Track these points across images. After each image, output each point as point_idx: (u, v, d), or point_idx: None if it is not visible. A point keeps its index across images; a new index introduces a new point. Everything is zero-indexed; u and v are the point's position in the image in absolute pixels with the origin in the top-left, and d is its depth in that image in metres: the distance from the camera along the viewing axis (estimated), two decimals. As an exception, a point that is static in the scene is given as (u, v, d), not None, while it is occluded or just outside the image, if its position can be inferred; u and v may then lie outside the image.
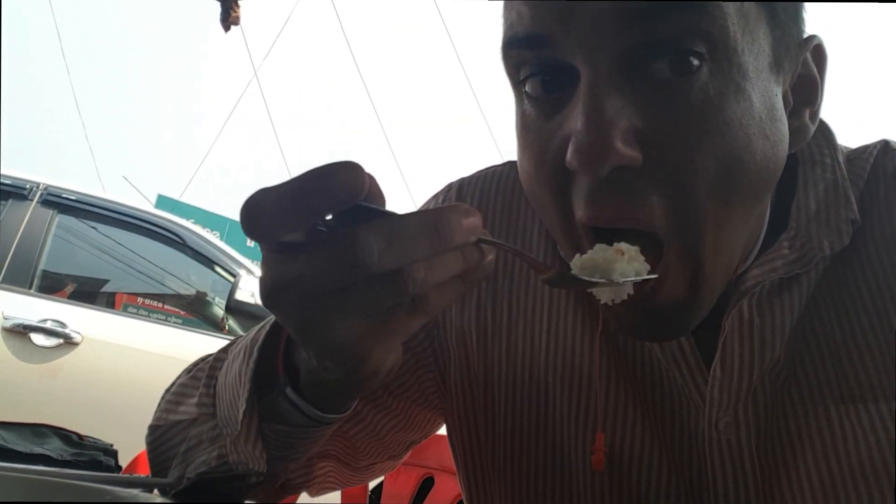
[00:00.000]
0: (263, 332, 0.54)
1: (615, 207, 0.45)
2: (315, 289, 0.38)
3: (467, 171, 0.73)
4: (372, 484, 1.40)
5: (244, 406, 0.51)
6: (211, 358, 0.63)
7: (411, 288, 0.38)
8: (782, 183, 0.58)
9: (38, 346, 2.43)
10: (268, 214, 0.37)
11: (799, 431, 0.54)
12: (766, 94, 0.48)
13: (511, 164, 0.71)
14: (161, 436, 0.61)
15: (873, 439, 0.52)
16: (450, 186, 0.72)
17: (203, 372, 0.61)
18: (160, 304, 3.01)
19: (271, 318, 0.55)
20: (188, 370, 0.65)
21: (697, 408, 0.55)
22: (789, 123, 0.51)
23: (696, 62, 0.44)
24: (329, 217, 0.39)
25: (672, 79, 0.45)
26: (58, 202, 2.70)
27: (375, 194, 0.39)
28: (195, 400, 0.59)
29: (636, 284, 0.46)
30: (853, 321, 0.55)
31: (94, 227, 2.86)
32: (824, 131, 0.60)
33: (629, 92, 0.45)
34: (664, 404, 0.57)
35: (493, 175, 0.70)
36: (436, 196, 0.73)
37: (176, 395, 0.63)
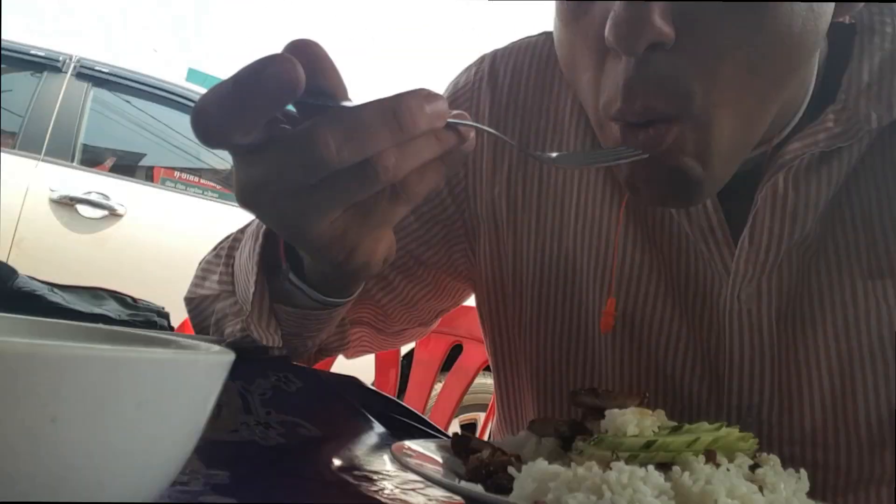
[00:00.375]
0: None
1: (643, 99, 0.45)
2: (285, 188, 0.38)
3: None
4: (403, 350, 1.48)
5: (253, 288, 0.53)
6: (231, 237, 0.65)
7: (384, 176, 0.37)
8: (836, 53, 0.56)
9: (84, 217, 2.53)
10: (214, 121, 0.36)
11: (822, 304, 0.55)
12: None
13: (547, 34, 0.69)
14: (195, 307, 0.66)
15: None
16: (482, 58, 0.71)
17: (224, 251, 0.63)
18: (196, 179, 3.07)
19: None
20: (214, 248, 0.67)
21: (721, 279, 0.56)
22: None
23: None
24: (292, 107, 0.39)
25: None
26: (92, 75, 2.71)
27: (331, 80, 0.37)
28: (217, 278, 0.62)
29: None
30: (892, 197, 0.54)
31: (128, 101, 2.88)
32: None
33: None
34: (688, 275, 0.58)
35: (528, 47, 0.69)
36: (468, 69, 0.72)
37: (203, 270, 0.66)
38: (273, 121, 0.39)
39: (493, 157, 0.67)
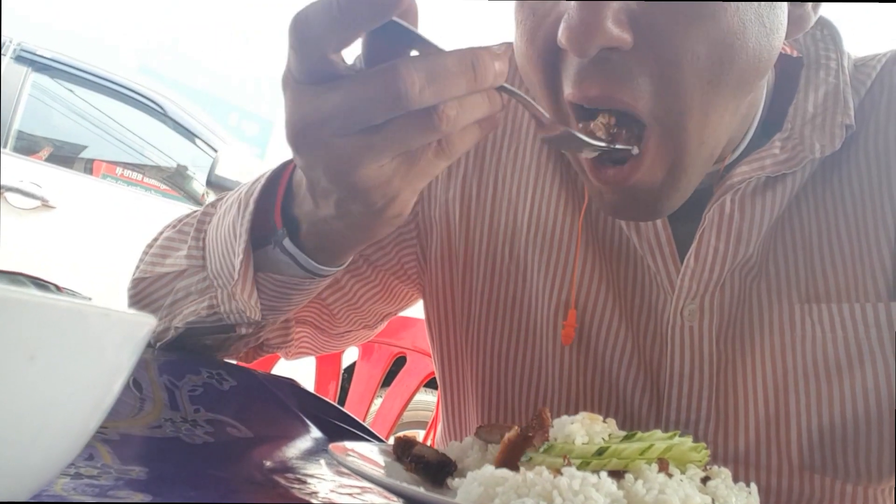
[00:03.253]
0: (259, 185, 0.53)
1: (600, 87, 0.45)
2: (351, 125, 0.38)
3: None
4: (345, 362, 1.44)
5: (241, 256, 0.51)
6: (198, 213, 0.62)
7: (444, 126, 0.38)
8: (783, 84, 0.58)
9: (14, 206, 2.40)
10: (316, 25, 0.37)
11: (761, 325, 0.56)
12: None
13: (507, 44, 0.70)
14: (146, 288, 0.61)
15: (830, 337, 0.54)
16: None
17: (190, 226, 0.60)
18: (140, 178, 2.96)
19: (266, 172, 0.54)
20: (172, 225, 0.64)
21: (666, 294, 0.57)
22: (791, 11, 0.50)
23: None
24: (363, 53, 0.39)
25: None
26: (32, 59, 2.58)
27: (410, 12, 0.38)
28: (184, 252, 0.59)
29: (618, 165, 0.47)
30: (831, 225, 0.56)
31: (70, 90, 2.76)
32: (832, 34, 0.59)
33: None
34: (634, 289, 0.59)
35: None
36: None
37: (162, 248, 0.62)
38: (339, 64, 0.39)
39: None
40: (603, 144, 0.45)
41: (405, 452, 0.42)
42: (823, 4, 0.53)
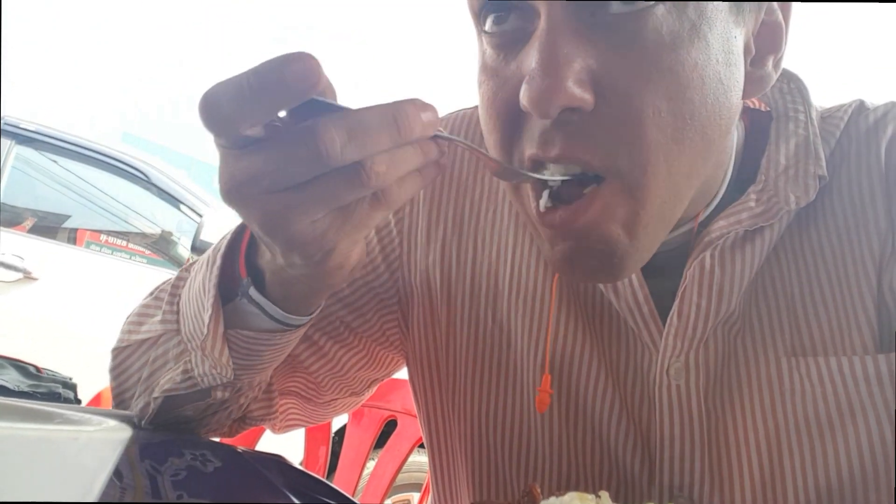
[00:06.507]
0: (226, 240, 0.53)
1: (561, 147, 0.45)
2: (277, 183, 0.38)
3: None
4: (335, 426, 1.41)
5: (210, 311, 0.51)
6: (173, 278, 0.62)
7: (373, 181, 0.38)
8: (755, 138, 0.59)
9: (-4, 279, 2.38)
10: (227, 106, 0.37)
11: (749, 380, 0.55)
12: (724, 36, 0.47)
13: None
14: (125, 359, 0.60)
15: (819, 392, 0.53)
16: None
17: (165, 292, 0.60)
18: (124, 243, 2.95)
19: (234, 227, 0.54)
20: (150, 293, 0.64)
21: (651, 353, 0.56)
22: (751, 72, 0.51)
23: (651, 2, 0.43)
24: (284, 113, 0.39)
25: (628, 18, 0.44)
26: (16, 133, 2.60)
27: (328, 89, 0.39)
28: (159, 318, 0.59)
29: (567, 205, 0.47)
30: (812, 276, 0.56)
31: (54, 161, 2.77)
32: (799, 87, 0.60)
33: (585, 32, 0.44)
34: (619, 349, 0.58)
35: (464, 117, 0.69)
36: None
37: (139, 315, 0.62)
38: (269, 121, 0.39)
39: (427, 223, 0.66)
40: (548, 177, 0.46)
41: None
42: (786, 58, 0.54)
